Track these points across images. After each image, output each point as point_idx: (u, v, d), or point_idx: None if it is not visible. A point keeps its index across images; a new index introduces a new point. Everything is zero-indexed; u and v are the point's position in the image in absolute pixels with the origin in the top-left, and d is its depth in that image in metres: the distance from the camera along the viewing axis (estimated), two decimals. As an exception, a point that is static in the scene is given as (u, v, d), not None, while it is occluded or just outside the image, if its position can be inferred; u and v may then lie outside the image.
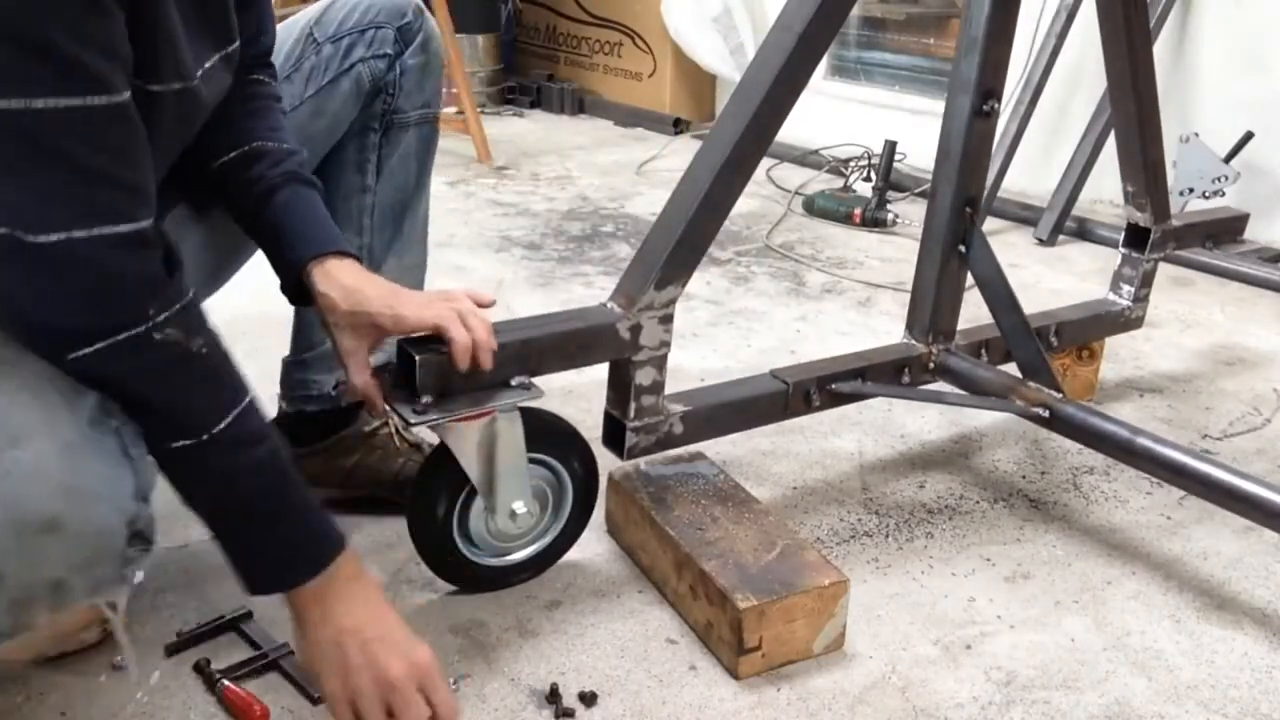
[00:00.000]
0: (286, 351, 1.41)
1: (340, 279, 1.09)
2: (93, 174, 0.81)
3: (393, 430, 1.43)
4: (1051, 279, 2.52)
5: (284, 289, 1.14)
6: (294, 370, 1.41)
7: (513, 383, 1.16)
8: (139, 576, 0.89)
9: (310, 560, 0.97)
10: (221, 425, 0.89)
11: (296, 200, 1.12)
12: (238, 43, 1.05)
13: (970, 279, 1.54)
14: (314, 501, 0.98)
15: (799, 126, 2.31)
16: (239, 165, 1.13)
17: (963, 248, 1.52)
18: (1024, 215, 2.92)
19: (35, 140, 0.78)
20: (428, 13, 1.33)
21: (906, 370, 1.54)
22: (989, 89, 1.43)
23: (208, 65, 0.99)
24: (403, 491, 1.42)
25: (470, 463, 1.16)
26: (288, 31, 1.30)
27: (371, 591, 1.01)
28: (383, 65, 1.29)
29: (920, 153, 2.98)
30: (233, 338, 0.96)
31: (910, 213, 2.80)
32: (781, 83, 1.23)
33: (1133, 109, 1.58)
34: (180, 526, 1.36)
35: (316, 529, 0.98)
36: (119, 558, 0.86)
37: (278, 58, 1.24)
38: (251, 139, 1.13)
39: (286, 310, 1.40)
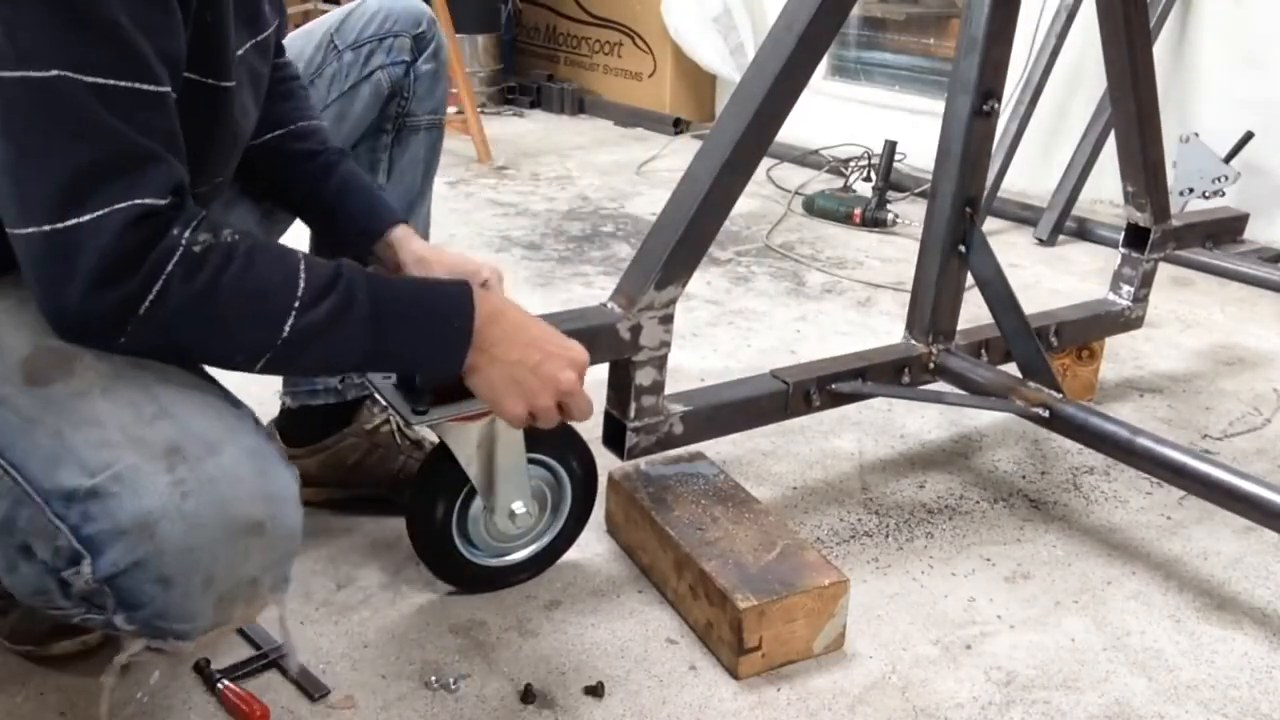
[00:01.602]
0: None
1: (411, 246, 1.20)
2: (130, 152, 0.83)
3: (394, 428, 1.44)
4: (1051, 279, 2.52)
5: (340, 253, 1.17)
6: None
7: (513, 383, 1.16)
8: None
9: (457, 335, 0.99)
10: (298, 291, 0.90)
11: (356, 175, 1.22)
12: (270, 30, 1.07)
13: (970, 279, 1.54)
14: (416, 282, 1.04)
15: (799, 126, 2.31)
16: (286, 142, 1.20)
17: (963, 248, 1.52)
18: (1024, 215, 2.92)
19: (79, 113, 0.80)
20: (438, 22, 1.39)
21: (906, 370, 1.54)
22: (989, 89, 1.43)
23: (240, 52, 1.00)
24: (403, 491, 1.42)
25: (470, 463, 1.16)
26: (308, 38, 1.34)
27: (513, 314, 1.05)
28: (400, 71, 1.34)
29: (920, 153, 2.98)
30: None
31: (910, 213, 2.80)
32: (781, 83, 1.23)
33: (1133, 109, 1.58)
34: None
35: (444, 304, 0.99)
36: (294, 555, 0.91)
37: (299, 63, 1.29)
38: (294, 118, 1.21)
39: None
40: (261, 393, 1.58)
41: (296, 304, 0.89)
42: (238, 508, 0.84)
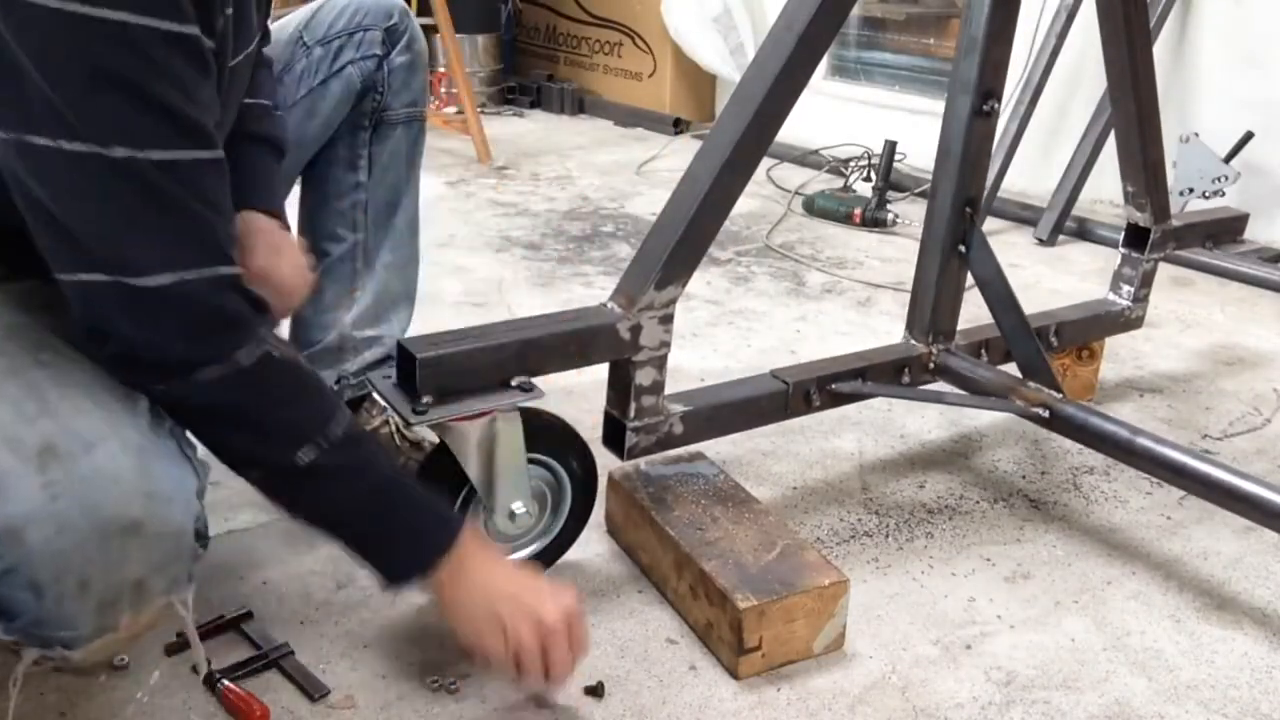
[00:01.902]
0: None
1: (260, 228, 1.13)
2: (200, 220, 0.85)
3: (393, 429, 1.44)
4: (1051, 279, 2.52)
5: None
6: None
7: (513, 383, 1.16)
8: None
9: (441, 541, 1.00)
10: (330, 427, 0.93)
11: (250, 157, 1.16)
12: (257, 40, 1.08)
13: (970, 279, 1.54)
14: (420, 486, 1.03)
15: (799, 126, 2.31)
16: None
17: (963, 248, 1.52)
18: (1024, 215, 2.91)
19: (149, 188, 0.82)
20: (411, 14, 1.37)
21: (906, 370, 1.54)
22: (989, 89, 1.43)
23: (232, 64, 1.00)
24: None
25: (470, 463, 1.16)
26: (279, 34, 1.33)
27: (498, 554, 1.07)
28: (371, 65, 1.32)
29: (920, 153, 2.98)
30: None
31: (910, 213, 2.80)
32: (781, 83, 1.23)
33: (1133, 109, 1.58)
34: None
35: (438, 509, 1.03)
36: (189, 556, 0.89)
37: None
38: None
39: (286, 310, 1.40)
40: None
41: (320, 436, 0.92)
42: (111, 508, 0.82)
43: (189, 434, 0.94)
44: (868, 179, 3.08)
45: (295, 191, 1.41)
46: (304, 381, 0.95)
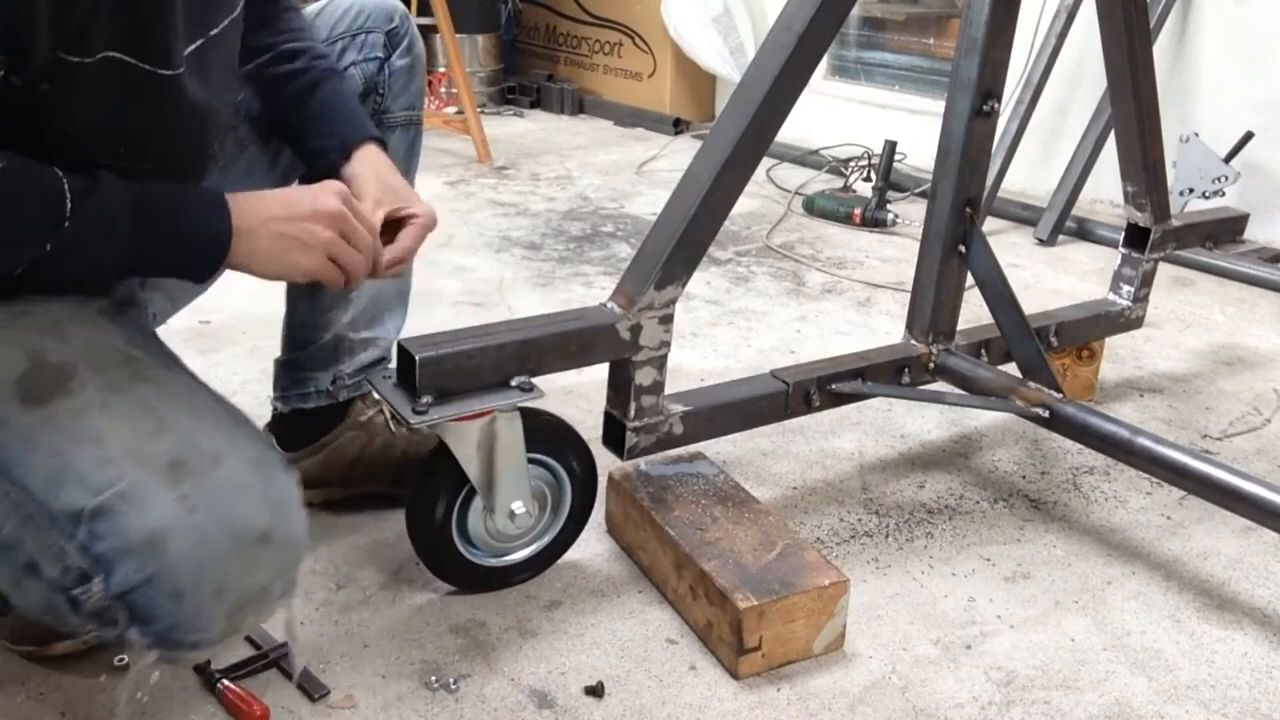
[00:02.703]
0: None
1: (365, 165, 1.16)
2: None
3: (387, 416, 1.44)
4: (1051, 279, 2.52)
5: (312, 172, 1.19)
6: (289, 369, 1.42)
7: (513, 383, 1.16)
8: None
9: (219, 215, 0.96)
10: (70, 197, 0.88)
11: (340, 94, 1.20)
12: (223, 25, 1.04)
13: (970, 279, 1.54)
14: (165, 185, 0.96)
15: (799, 126, 2.31)
16: (271, 66, 1.20)
17: (963, 248, 1.52)
18: (1024, 215, 2.92)
19: None
20: (411, 17, 1.37)
21: (906, 370, 1.54)
22: (989, 89, 1.43)
23: (189, 49, 0.99)
24: (405, 482, 1.43)
25: (470, 462, 1.16)
26: None
27: (260, 192, 1.02)
28: (373, 68, 1.32)
29: (920, 153, 2.98)
30: (232, 338, 0.96)
31: (910, 213, 2.80)
32: (781, 83, 1.23)
33: (1133, 109, 1.58)
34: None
35: (197, 195, 0.98)
36: (301, 561, 0.92)
37: None
38: (279, 41, 1.21)
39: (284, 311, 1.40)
40: (249, 401, 1.59)
41: (66, 213, 0.87)
42: (244, 519, 0.85)
43: None
44: (868, 179, 3.08)
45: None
46: (15, 178, 0.89)
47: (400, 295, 1.45)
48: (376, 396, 1.43)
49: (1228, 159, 2.49)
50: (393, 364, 1.42)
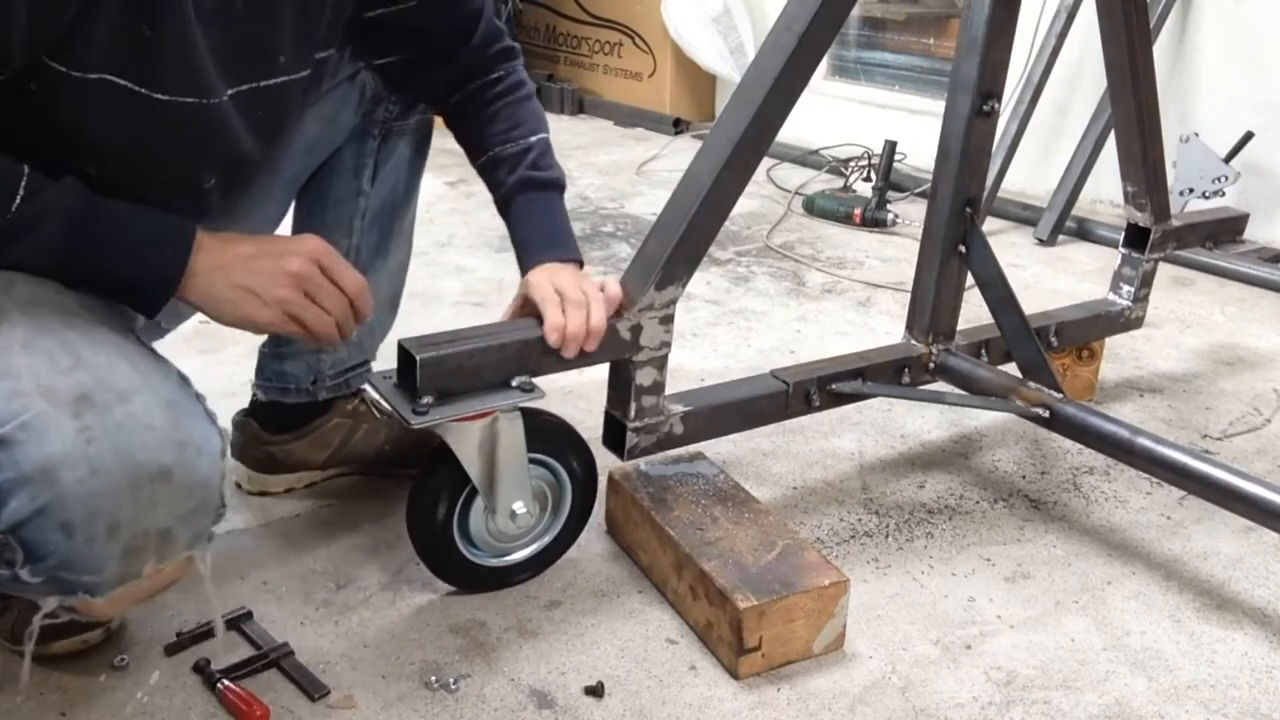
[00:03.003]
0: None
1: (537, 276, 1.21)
2: None
3: (369, 404, 1.46)
4: (1051, 279, 2.52)
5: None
6: (271, 361, 1.42)
7: (514, 383, 1.16)
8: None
9: (176, 252, 0.96)
10: (23, 188, 0.89)
11: (528, 208, 1.25)
12: (281, 80, 1.06)
13: (970, 279, 1.54)
14: (137, 209, 0.96)
15: (799, 126, 2.31)
16: (484, 170, 1.29)
17: (963, 248, 1.52)
18: (1024, 215, 2.91)
19: None
20: None
21: (906, 370, 1.54)
22: (989, 89, 1.43)
23: (231, 93, 1.01)
24: (390, 464, 1.46)
25: (471, 463, 1.16)
26: None
27: (235, 237, 1.01)
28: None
29: (920, 153, 2.98)
30: (232, 338, 0.96)
31: (910, 213, 2.80)
32: (781, 83, 1.23)
33: (1133, 109, 1.58)
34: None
35: (162, 227, 0.97)
36: (214, 510, 0.91)
37: None
38: (490, 146, 1.27)
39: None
40: (226, 385, 1.59)
41: (14, 204, 0.88)
42: (143, 454, 0.84)
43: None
44: (868, 179, 3.08)
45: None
46: None
47: (391, 300, 1.44)
48: (376, 397, 1.43)
49: (1228, 159, 2.49)
50: (375, 364, 1.43)
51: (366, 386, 1.19)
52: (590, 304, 1.16)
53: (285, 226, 1.35)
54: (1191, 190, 2.46)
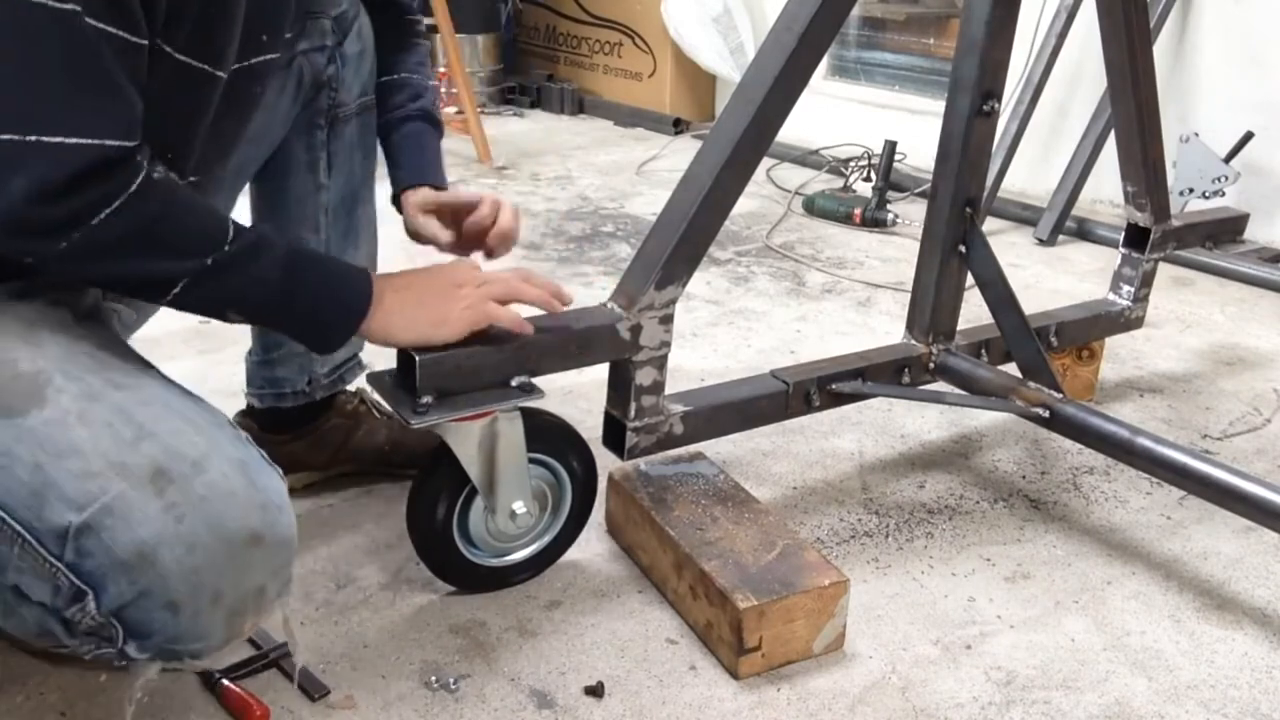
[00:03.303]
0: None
1: (420, 198, 1.29)
2: (105, 91, 0.83)
3: (369, 404, 1.46)
4: (1051, 279, 2.52)
5: (391, 200, 1.33)
6: (262, 369, 1.42)
7: (513, 383, 1.16)
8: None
9: (357, 299, 1.02)
10: (230, 235, 0.92)
11: (425, 136, 1.32)
12: (277, 55, 1.06)
13: (970, 279, 1.54)
14: (327, 256, 1.08)
15: (799, 126, 2.31)
16: (388, 86, 1.32)
17: (963, 248, 1.52)
18: (1024, 215, 2.92)
19: (75, 47, 0.81)
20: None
21: (906, 370, 1.54)
22: (989, 89, 1.43)
23: (247, 62, 1.01)
24: (391, 465, 1.46)
25: (471, 463, 1.16)
26: None
27: (403, 273, 1.10)
28: (321, 60, 1.24)
29: (920, 153, 2.98)
30: (232, 338, 0.96)
31: (910, 213, 2.80)
32: (781, 83, 1.23)
33: (1133, 109, 1.58)
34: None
35: (342, 272, 1.04)
36: (294, 559, 0.92)
37: None
38: (401, 70, 1.33)
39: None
40: (226, 385, 1.59)
41: (229, 236, 0.92)
42: (234, 522, 0.85)
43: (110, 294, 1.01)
44: (868, 179, 3.08)
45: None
46: (189, 194, 0.94)
47: None
48: (376, 398, 1.43)
49: (1228, 159, 2.49)
50: (367, 358, 1.44)
51: (367, 386, 1.18)
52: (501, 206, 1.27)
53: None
54: (1191, 190, 2.46)
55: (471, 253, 1.30)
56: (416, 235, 1.30)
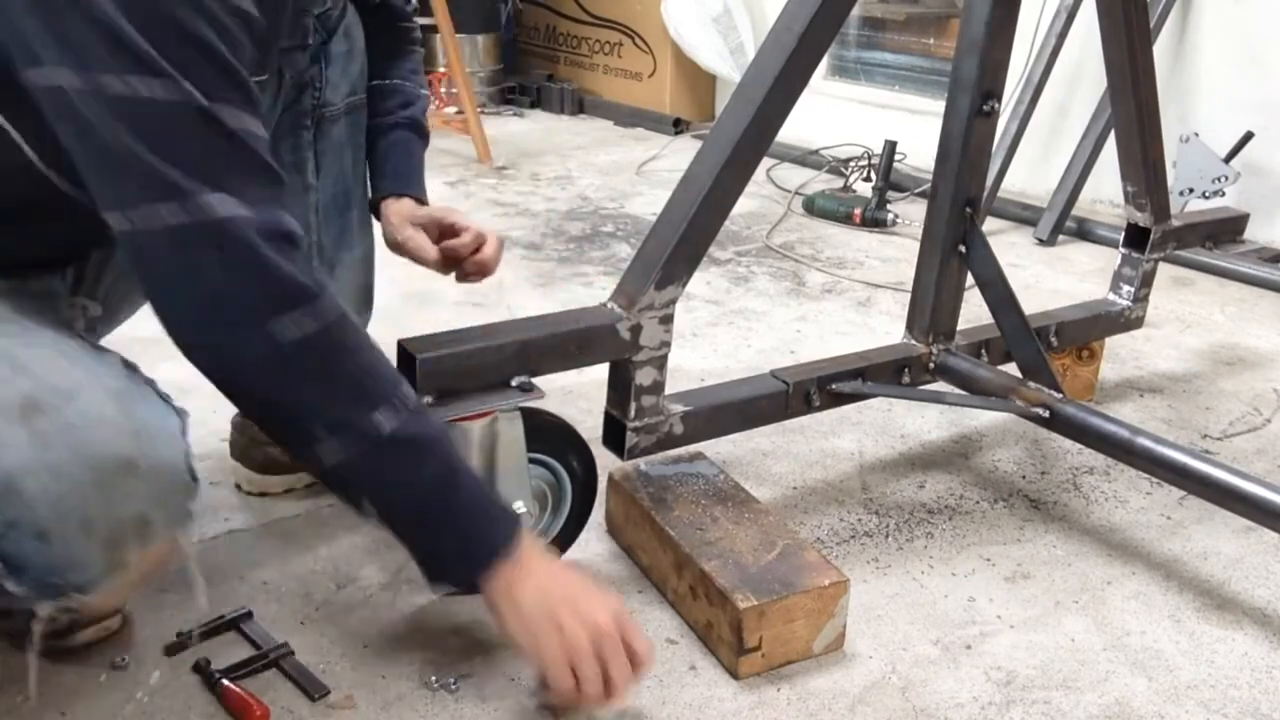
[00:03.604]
0: None
1: (403, 209, 1.29)
2: (274, 175, 0.89)
3: None
4: (1051, 279, 2.52)
5: (370, 206, 1.34)
6: None
7: (513, 383, 1.16)
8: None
9: (498, 543, 0.98)
10: (403, 389, 0.94)
11: (411, 144, 1.32)
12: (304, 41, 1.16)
13: (970, 279, 1.54)
14: (480, 482, 1.01)
15: (799, 126, 2.31)
16: (379, 91, 1.32)
17: (963, 248, 1.52)
18: (1024, 215, 2.92)
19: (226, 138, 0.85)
20: None
21: (906, 370, 1.54)
22: (989, 89, 1.43)
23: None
24: None
25: (471, 463, 1.16)
26: None
27: (552, 557, 1.05)
28: (304, 59, 1.22)
29: (920, 153, 2.98)
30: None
31: (910, 213, 2.80)
32: (781, 83, 1.23)
33: (1133, 109, 1.58)
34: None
35: (496, 510, 1.00)
36: (185, 490, 0.90)
37: None
38: (394, 75, 1.33)
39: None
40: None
41: (396, 398, 0.92)
42: (103, 448, 0.84)
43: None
44: (868, 179, 3.08)
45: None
46: (372, 343, 0.94)
47: (366, 289, 1.42)
48: None
49: (1228, 159, 2.49)
50: None
51: None
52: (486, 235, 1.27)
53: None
54: (1191, 190, 2.46)
55: (448, 272, 1.31)
56: (397, 246, 1.30)
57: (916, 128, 3.13)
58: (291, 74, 1.21)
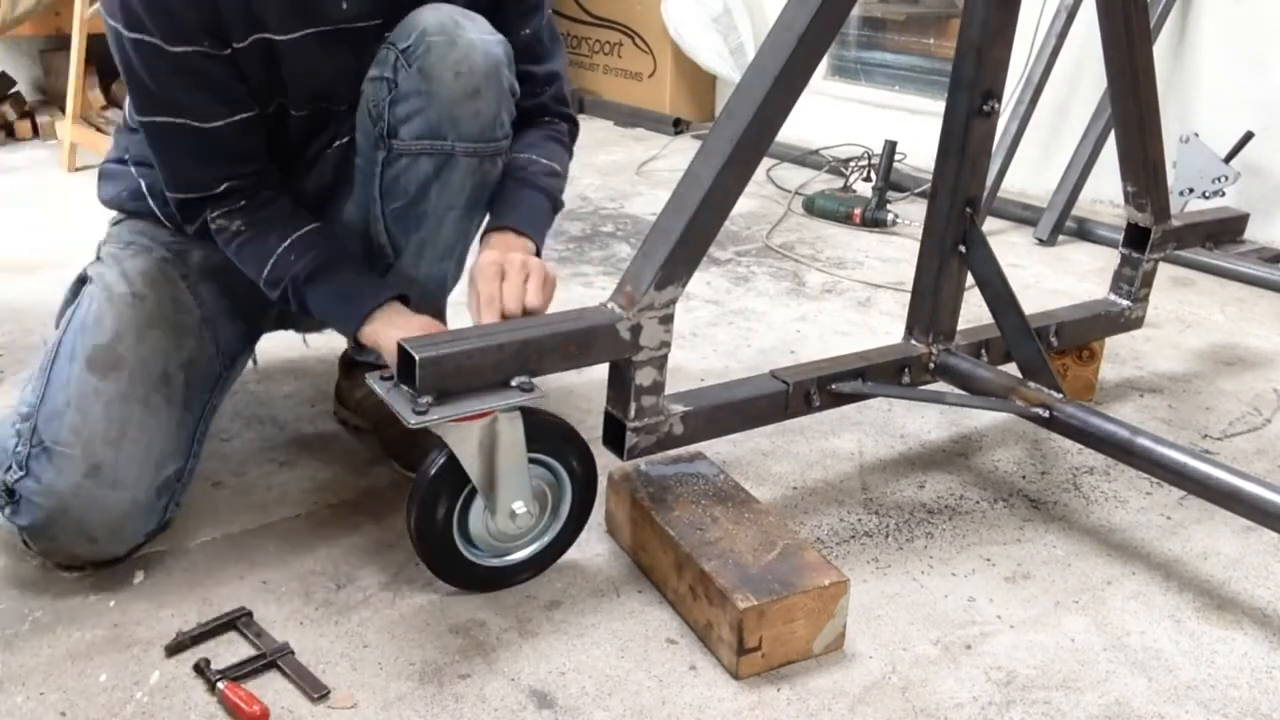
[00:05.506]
0: None
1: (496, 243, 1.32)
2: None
3: None
4: (1051, 279, 2.52)
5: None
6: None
7: (513, 383, 1.16)
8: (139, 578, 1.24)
9: (372, 297, 1.24)
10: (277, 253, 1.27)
11: (515, 190, 1.38)
12: (349, 24, 1.25)
13: (970, 279, 1.54)
14: (363, 273, 1.30)
15: (799, 126, 2.31)
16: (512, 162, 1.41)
17: (963, 248, 1.52)
18: (1024, 215, 2.91)
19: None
20: (453, 38, 1.23)
21: (906, 370, 1.54)
22: (989, 89, 1.43)
23: (295, 35, 1.23)
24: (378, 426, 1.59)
25: (471, 463, 1.16)
26: None
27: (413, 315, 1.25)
28: (381, 90, 1.25)
29: (920, 153, 2.98)
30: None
31: (910, 213, 2.80)
32: (781, 83, 1.23)
33: (1133, 109, 1.58)
34: (183, 528, 1.36)
35: (365, 287, 1.26)
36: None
37: None
38: (526, 153, 1.43)
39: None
40: (249, 401, 1.59)
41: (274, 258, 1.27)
42: (85, 529, 1.22)
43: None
44: (868, 179, 3.08)
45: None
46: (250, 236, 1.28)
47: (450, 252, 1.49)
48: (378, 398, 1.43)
49: (1228, 159, 2.49)
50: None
51: (369, 381, 1.18)
52: (530, 278, 1.23)
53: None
54: (1191, 190, 2.46)
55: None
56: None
57: (916, 128, 3.13)
58: (372, 99, 1.29)
